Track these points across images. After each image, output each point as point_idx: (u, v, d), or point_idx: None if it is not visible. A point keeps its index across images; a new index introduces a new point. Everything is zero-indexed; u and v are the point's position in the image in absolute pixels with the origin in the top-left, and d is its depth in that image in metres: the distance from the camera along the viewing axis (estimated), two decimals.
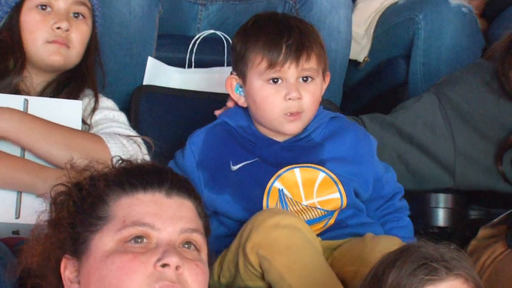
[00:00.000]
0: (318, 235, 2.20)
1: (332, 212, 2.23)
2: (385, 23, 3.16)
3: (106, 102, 2.38)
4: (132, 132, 2.32)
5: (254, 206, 2.19)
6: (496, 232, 2.47)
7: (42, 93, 2.32)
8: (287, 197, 2.21)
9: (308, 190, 2.22)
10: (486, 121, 2.46)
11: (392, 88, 3.10)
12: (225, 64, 2.88)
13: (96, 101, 2.34)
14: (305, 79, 2.22)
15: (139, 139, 2.28)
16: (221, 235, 2.25)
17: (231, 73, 2.29)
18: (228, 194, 2.22)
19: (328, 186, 2.23)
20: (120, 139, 2.23)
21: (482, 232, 2.49)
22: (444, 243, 1.73)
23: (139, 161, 1.78)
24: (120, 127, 2.31)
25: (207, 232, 1.74)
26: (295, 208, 2.21)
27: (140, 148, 2.27)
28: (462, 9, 3.01)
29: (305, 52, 2.20)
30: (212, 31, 2.93)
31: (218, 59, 2.89)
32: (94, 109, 2.33)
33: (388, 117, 2.50)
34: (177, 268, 1.60)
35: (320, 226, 2.23)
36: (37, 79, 2.34)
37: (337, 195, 2.23)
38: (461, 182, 2.49)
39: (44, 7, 2.32)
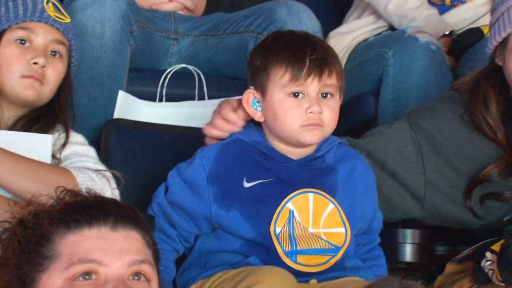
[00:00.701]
0: (317, 273, 2.22)
1: (338, 248, 2.24)
2: (356, 59, 3.18)
3: (76, 137, 2.38)
4: (102, 167, 2.32)
5: (262, 224, 2.20)
6: (462, 267, 2.48)
7: (12, 128, 2.33)
8: (295, 220, 2.21)
9: (316, 218, 2.23)
10: (457, 154, 2.47)
11: (362, 124, 3.12)
12: (196, 98, 2.90)
13: (67, 137, 2.34)
14: (324, 95, 2.23)
15: (108, 173, 2.28)
16: (219, 250, 2.25)
17: (249, 88, 2.28)
18: (237, 210, 2.21)
19: (335, 219, 2.24)
20: (89, 173, 2.24)
21: (449, 267, 2.51)
22: (410, 279, 1.75)
23: (84, 191, 1.79)
24: (89, 161, 2.31)
25: (156, 260, 1.75)
26: (301, 233, 2.21)
27: (109, 182, 2.27)
28: (431, 46, 3.03)
29: (327, 68, 2.21)
30: (183, 65, 2.95)
31: (189, 93, 2.90)
32: (64, 144, 2.33)
33: (360, 141, 2.51)
34: None
35: (323, 260, 2.23)
36: (8, 113, 2.34)
37: (342, 229, 2.24)
38: (429, 213, 2.49)
39: (23, 42, 2.33)
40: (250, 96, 2.27)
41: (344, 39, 3.24)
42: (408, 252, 2.53)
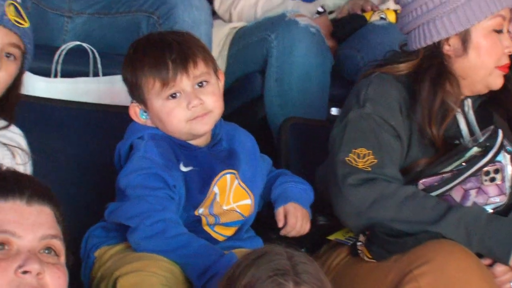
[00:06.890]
0: (222, 241, 2.35)
1: (246, 218, 2.38)
2: (239, 43, 3.31)
3: None
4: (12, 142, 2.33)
5: (191, 208, 2.30)
6: None
7: None
8: (215, 201, 2.33)
9: (229, 196, 2.35)
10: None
11: (250, 101, 3.27)
12: (91, 75, 2.95)
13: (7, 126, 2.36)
14: (200, 84, 2.31)
15: (18, 149, 2.32)
16: None
17: (131, 102, 2.34)
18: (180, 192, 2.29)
19: (241, 192, 2.37)
20: None
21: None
22: (294, 248, 1.86)
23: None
24: None
25: (65, 236, 1.80)
26: (218, 211, 2.33)
27: (14, 156, 2.30)
28: (310, 29, 3.20)
29: (190, 61, 2.28)
30: (78, 42, 2.98)
31: (83, 70, 2.94)
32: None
33: None
34: (38, 274, 1.67)
35: (235, 229, 2.38)
36: None
37: (249, 201, 2.38)
38: None
39: None
40: (136, 109, 2.34)
41: (223, 29, 3.36)
42: None
